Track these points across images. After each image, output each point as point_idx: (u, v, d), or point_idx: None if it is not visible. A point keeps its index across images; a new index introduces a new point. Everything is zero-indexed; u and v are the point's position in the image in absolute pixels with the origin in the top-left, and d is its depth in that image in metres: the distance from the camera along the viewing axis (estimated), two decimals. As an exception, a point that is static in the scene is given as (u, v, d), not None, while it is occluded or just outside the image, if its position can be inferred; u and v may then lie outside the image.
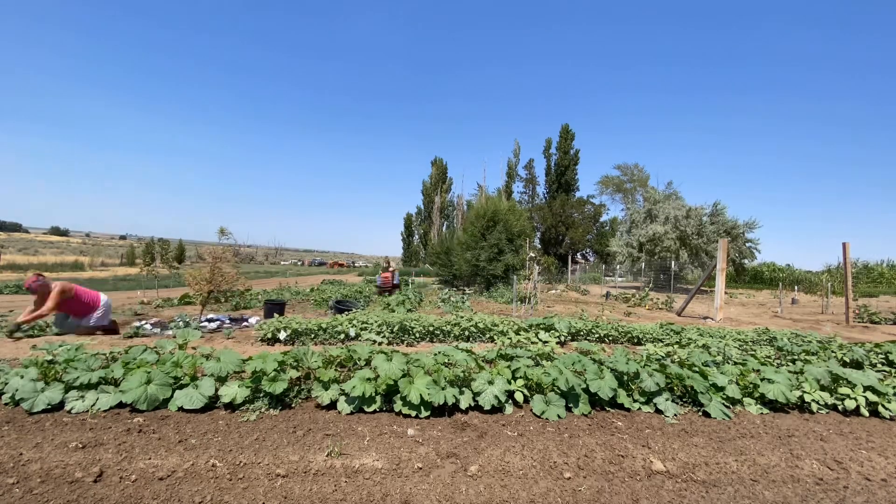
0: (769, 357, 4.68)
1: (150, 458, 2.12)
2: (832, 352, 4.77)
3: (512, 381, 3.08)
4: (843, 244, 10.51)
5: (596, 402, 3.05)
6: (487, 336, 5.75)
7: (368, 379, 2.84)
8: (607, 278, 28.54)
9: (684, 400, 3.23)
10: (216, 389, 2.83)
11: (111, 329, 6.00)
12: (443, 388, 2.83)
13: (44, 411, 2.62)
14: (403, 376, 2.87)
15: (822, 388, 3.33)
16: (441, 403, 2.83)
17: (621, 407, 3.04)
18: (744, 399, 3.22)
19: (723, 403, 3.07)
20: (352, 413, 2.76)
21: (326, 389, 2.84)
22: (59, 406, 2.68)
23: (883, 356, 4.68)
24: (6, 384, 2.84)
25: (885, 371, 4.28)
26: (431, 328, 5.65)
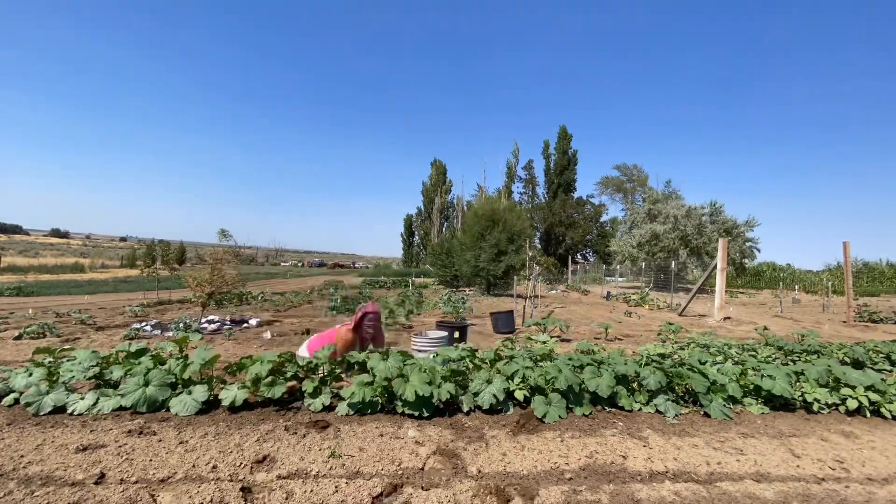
0: (770, 357, 4.68)
1: (150, 460, 2.12)
2: (833, 351, 4.76)
3: (511, 380, 3.08)
4: (844, 244, 10.50)
5: (596, 402, 3.05)
6: (488, 337, 5.76)
7: (367, 383, 2.83)
8: (608, 278, 28.53)
9: (685, 400, 3.22)
10: (210, 394, 2.83)
11: None
12: (438, 386, 2.83)
13: (45, 413, 2.63)
14: (400, 376, 2.87)
15: (823, 388, 3.33)
16: (439, 401, 2.83)
17: (622, 408, 3.04)
18: (744, 399, 3.22)
19: (723, 403, 3.07)
20: (352, 414, 2.76)
21: (315, 398, 2.86)
22: (61, 409, 2.68)
23: (884, 355, 4.67)
24: (8, 386, 2.84)
25: (886, 370, 4.28)
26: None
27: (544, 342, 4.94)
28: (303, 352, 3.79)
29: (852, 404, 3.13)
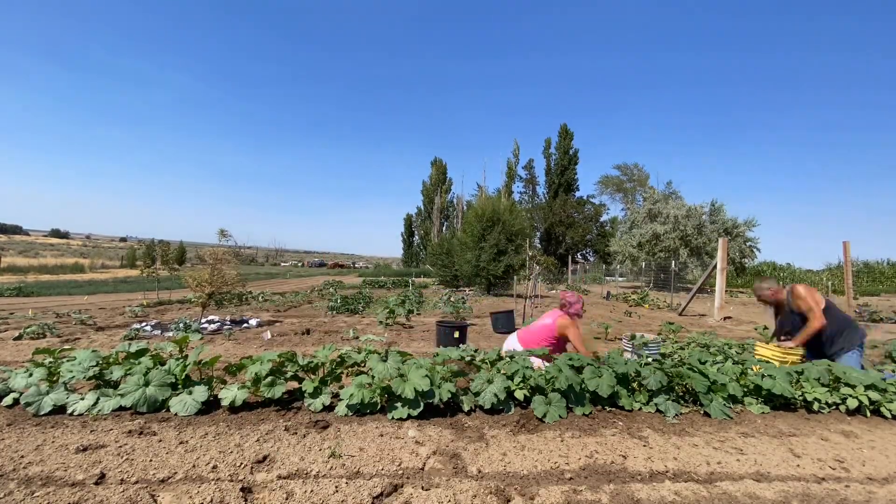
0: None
1: (150, 460, 2.12)
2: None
3: (511, 380, 3.08)
4: (844, 243, 10.48)
5: (597, 401, 3.05)
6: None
7: (367, 385, 2.83)
8: (608, 278, 28.53)
9: (685, 399, 3.22)
10: (210, 394, 2.83)
11: None
12: (438, 386, 2.82)
13: (45, 414, 2.62)
14: (399, 376, 2.87)
15: (823, 387, 3.33)
16: (440, 401, 2.83)
17: (622, 407, 3.04)
18: (745, 398, 3.22)
19: (723, 403, 3.07)
20: (352, 415, 2.76)
21: (315, 398, 2.85)
22: (61, 409, 2.68)
23: (886, 355, 4.67)
24: (8, 387, 2.84)
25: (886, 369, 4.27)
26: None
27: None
28: (512, 344, 3.73)
29: (852, 403, 3.13)
